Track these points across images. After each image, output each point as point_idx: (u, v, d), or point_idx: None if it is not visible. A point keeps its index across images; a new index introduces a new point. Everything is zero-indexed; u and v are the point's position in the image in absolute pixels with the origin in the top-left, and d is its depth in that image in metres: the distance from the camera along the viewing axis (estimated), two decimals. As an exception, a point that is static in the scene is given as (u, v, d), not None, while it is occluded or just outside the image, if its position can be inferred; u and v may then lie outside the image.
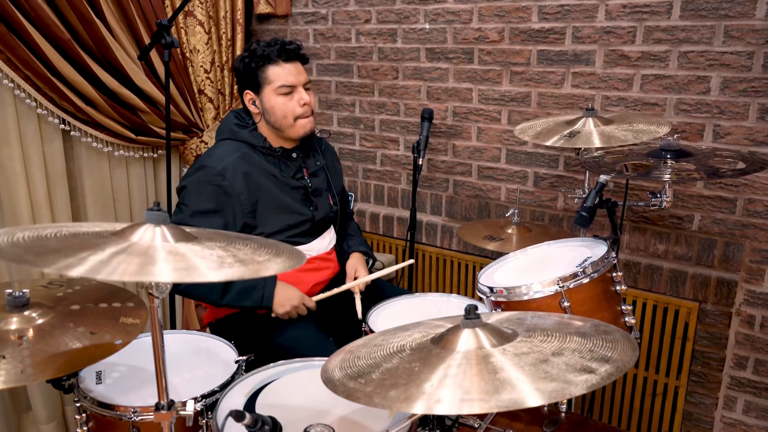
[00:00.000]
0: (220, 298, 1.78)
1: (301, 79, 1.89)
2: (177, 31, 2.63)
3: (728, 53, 1.99)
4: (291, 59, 1.88)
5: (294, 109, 1.87)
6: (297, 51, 1.90)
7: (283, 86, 1.86)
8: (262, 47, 1.86)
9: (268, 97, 1.87)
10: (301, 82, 1.89)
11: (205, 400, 1.33)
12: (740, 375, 2.14)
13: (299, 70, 1.90)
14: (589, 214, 1.68)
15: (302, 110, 1.88)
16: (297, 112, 1.87)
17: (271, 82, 1.86)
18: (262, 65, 1.86)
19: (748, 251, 2.07)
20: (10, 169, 2.20)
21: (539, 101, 2.38)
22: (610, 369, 0.88)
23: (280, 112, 1.87)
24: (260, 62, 1.86)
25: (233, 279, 0.96)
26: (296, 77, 1.88)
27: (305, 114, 1.90)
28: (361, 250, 2.13)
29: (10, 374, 1.01)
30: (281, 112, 1.87)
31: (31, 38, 2.11)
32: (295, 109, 1.87)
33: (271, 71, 1.86)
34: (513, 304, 1.49)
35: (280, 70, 1.86)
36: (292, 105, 1.87)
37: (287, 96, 1.87)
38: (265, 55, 1.85)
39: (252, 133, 1.90)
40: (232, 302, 1.79)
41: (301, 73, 1.91)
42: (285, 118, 1.87)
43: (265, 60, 1.86)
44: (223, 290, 1.77)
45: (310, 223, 1.94)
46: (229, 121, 1.94)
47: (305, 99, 1.89)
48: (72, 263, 0.88)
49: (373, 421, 1.22)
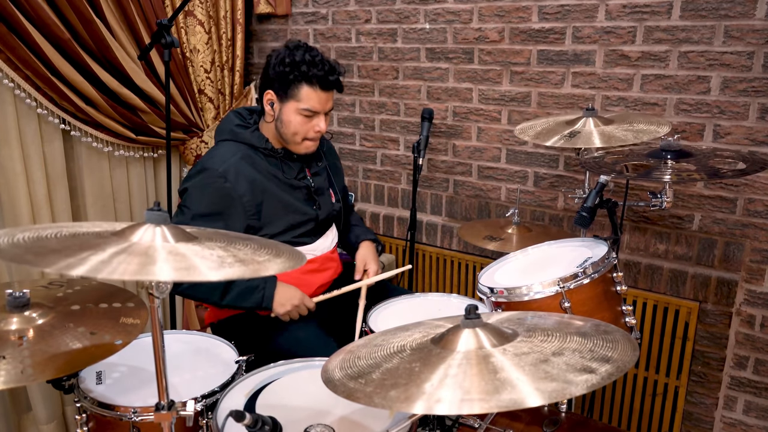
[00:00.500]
0: (221, 299, 1.77)
1: (327, 107, 1.85)
2: (177, 31, 2.63)
3: (728, 53, 1.99)
4: (329, 88, 1.83)
5: (307, 131, 1.85)
6: (337, 82, 1.85)
7: (307, 110, 1.81)
8: (307, 64, 1.78)
9: (288, 110, 1.83)
10: (325, 110, 1.85)
11: (206, 400, 1.33)
12: (740, 375, 2.14)
13: (330, 98, 1.85)
14: (590, 214, 1.68)
15: (314, 135, 1.87)
16: (309, 135, 1.86)
17: (299, 100, 1.81)
18: (299, 81, 1.79)
19: (748, 251, 2.07)
20: (10, 169, 2.20)
21: (539, 101, 2.38)
22: (611, 369, 0.88)
23: (293, 130, 1.84)
24: (299, 77, 1.79)
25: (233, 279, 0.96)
26: (323, 106, 1.83)
27: (315, 138, 1.88)
28: (370, 239, 2.13)
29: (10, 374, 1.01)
30: (294, 130, 1.84)
31: (31, 38, 2.11)
32: (308, 132, 1.85)
33: (305, 92, 1.80)
34: (513, 305, 1.49)
35: (313, 94, 1.80)
36: (307, 128, 1.84)
37: (307, 118, 1.83)
38: (306, 74, 1.78)
39: (254, 134, 1.89)
40: (233, 303, 1.79)
41: (330, 102, 1.86)
42: (295, 135, 1.85)
43: (304, 78, 1.79)
44: (223, 291, 1.77)
45: (314, 222, 1.94)
46: (230, 121, 1.92)
47: (321, 127, 1.85)
48: (72, 263, 0.88)
49: (373, 421, 1.22)
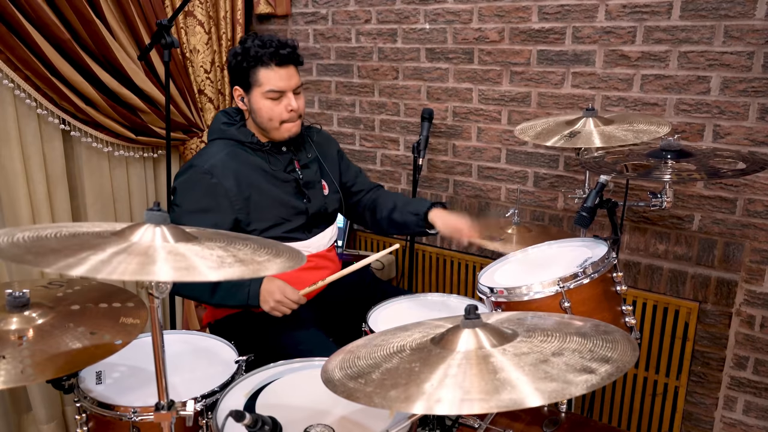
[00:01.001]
0: (210, 297, 1.78)
1: (291, 84, 1.84)
2: (177, 31, 2.63)
3: (728, 53, 1.99)
4: (284, 63, 1.82)
5: (281, 113, 1.84)
6: (291, 55, 1.83)
7: (271, 91, 1.82)
8: (256, 47, 1.80)
9: (255, 98, 1.84)
10: (291, 87, 1.84)
11: (205, 400, 1.33)
12: (740, 375, 2.14)
13: (291, 74, 1.84)
14: (590, 214, 1.68)
15: (288, 116, 1.85)
16: (283, 116, 1.85)
17: (260, 84, 1.82)
18: (253, 66, 1.81)
19: (748, 251, 2.07)
20: (10, 169, 2.20)
21: (539, 101, 2.38)
22: (610, 369, 0.88)
23: (266, 115, 1.85)
24: (252, 63, 1.80)
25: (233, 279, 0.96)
26: (287, 82, 1.83)
27: (291, 119, 1.87)
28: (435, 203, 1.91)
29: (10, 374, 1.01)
30: (267, 115, 1.85)
31: (31, 38, 2.11)
32: (282, 113, 1.84)
33: (262, 74, 1.81)
34: (513, 305, 1.49)
35: (271, 74, 1.81)
36: (279, 110, 1.84)
37: (275, 101, 1.83)
38: (257, 56, 1.80)
39: (240, 130, 1.90)
40: (221, 302, 1.79)
41: (293, 78, 1.85)
42: (270, 121, 1.85)
43: (258, 61, 1.80)
44: (212, 289, 1.77)
45: (304, 216, 1.94)
46: (218, 120, 1.94)
47: (293, 105, 1.84)
48: (72, 263, 0.88)
49: (373, 421, 1.22)
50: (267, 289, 1.76)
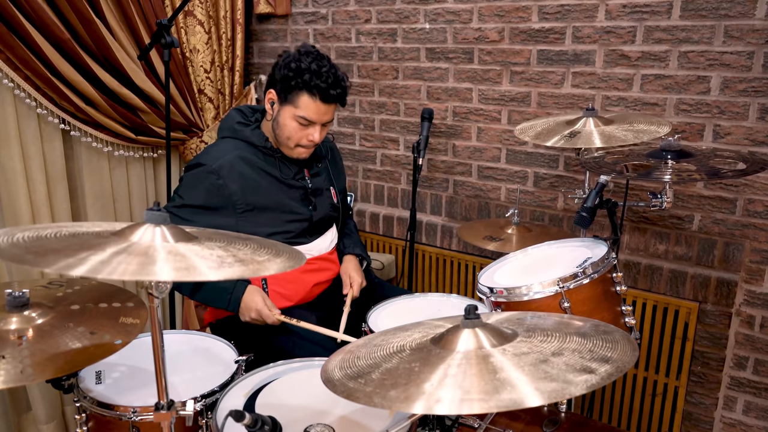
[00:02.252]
0: (192, 294, 1.81)
1: (324, 119, 1.83)
2: (177, 31, 2.63)
3: (728, 53, 1.99)
4: (329, 102, 1.81)
5: (300, 139, 1.85)
6: (339, 97, 1.82)
7: (303, 118, 1.81)
8: (312, 73, 1.76)
9: (285, 114, 1.83)
10: (322, 122, 1.83)
11: (205, 400, 1.33)
12: (740, 375, 2.14)
13: (329, 110, 1.83)
14: (590, 214, 1.68)
15: (306, 143, 1.86)
16: (301, 142, 1.85)
17: (297, 107, 1.80)
18: (300, 89, 1.78)
19: (748, 251, 2.07)
20: (10, 168, 2.20)
21: (539, 101, 2.38)
22: (610, 369, 0.88)
23: (287, 134, 1.84)
24: (300, 85, 1.77)
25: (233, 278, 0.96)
26: (321, 117, 1.82)
27: (307, 147, 1.88)
28: (355, 253, 2.11)
29: (10, 374, 1.01)
30: (287, 134, 1.84)
31: (31, 38, 2.11)
32: (301, 139, 1.85)
33: (303, 100, 1.79)
34: (513, 305, 1.49)
35: (311, 105, 1.79)
36: (300, 135, 1.84)
37: (302, 126, 1.82)
38: (308, 83, 1.77)
39: (254, 132, 1.89)
40: (204, 301, 1.83)
41: (329, 114, 1.84)
42: (288, 140, 1.85)
43: (306, 87, 1.77)
44: (194, 287, 1.80)
45: (307, 222, 1.94)
46: (232, 118, 1.93)
47: (315, 138, 1.84)
48: (72, 263, 0.88)
49: (373, 421, 1.22)
50: (247, 303, 1.78)
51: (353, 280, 2.00)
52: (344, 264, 2.08)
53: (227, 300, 1.78)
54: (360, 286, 1.99)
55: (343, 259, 2.10)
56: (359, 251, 2.13)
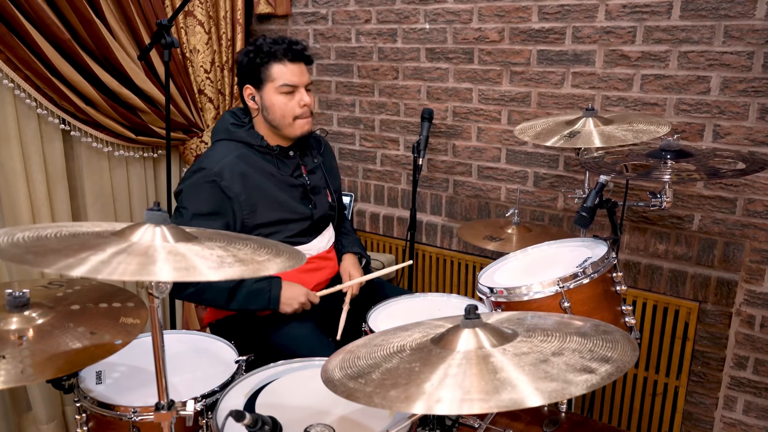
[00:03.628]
0: (227, 304, 1.79)
1: (303, 80, 1.89)
2: (177, 31, 2.63)
3: (728, 53, 1.99)
4: (296, 59, 1.88)
5: (294, 109, 1.87)
6: (303, 52, 1.90)
7: (285, 85, 1.85)
8: (269, 44, 1.85)
9: (268, 94, 1.86)
10: (303, 83, 1.89)
11: (205, 400, 1.33)
12: (740, 375, 2.14)
13: (303, 71, 1.90)
14: (589, 214, 1.68)
15: (302, 111, 1.88)
16: (296, 112, 1.88)
17: (273, 80, 1.85)
18: (267, 62, 1.85)
19: (748, 251, 2.07)
20: (10, 168, 2.20)
21: (539, 101, 2.38)
22: (610, 369, 0.88)
23: (280, 111, 1.87)
24: (265, 59, 1.85)
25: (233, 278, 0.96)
26: (299, 78, 1.88)
27: (304, 115, 1.90)
28: (354, 251, 2.13)
29: (10, 374, 1.01)
30: (281, 111, 1.87)
31: (31, 38, 2.11)
32: (294, 109, 1.87)
33: (275, 69, 1.85)
34: (513, 305, 1.49)
35: (284, 69, 1.85)
36: (292, 105, 1.87)
37: (288, 95, 1.86)
38: (271, 52, 1.84)
39: (249, 132, 1.90)
40: (240, 307, 1.80)
41: (304, 74, 1.90)
42: (284, 117, 1.87)
43: (271, 57, 1.85)
44: (229, 295, 1.78)
45: (309, 221, 1.94)
46: (225, 121, 1.94)
47: (306, 100, 1.88)
48: (72, 263, 0.88)
49: (373, 421, 1.22)
50: (291, 294, 1.81)
51: (353, 277, 2.01)
52: (344, 262, 2.09)
53: (267, 299, 1.79)
54: (359, 284, 2.00)
55: (342, 258, 2.10)
56: (358, 249, 2.15)
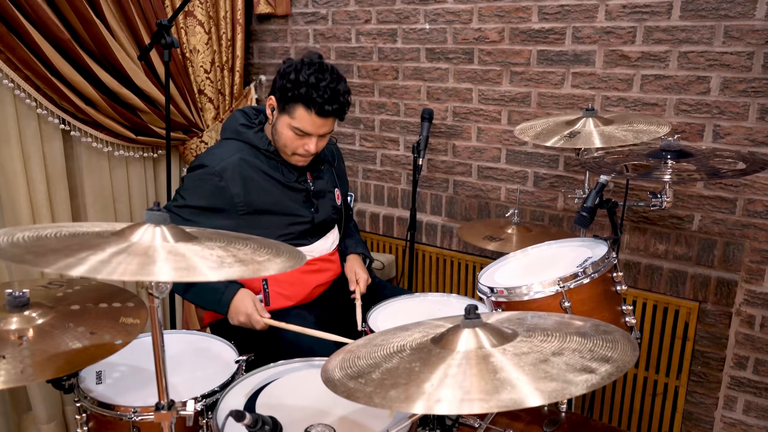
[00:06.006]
0: (183, 292, 1.81)
1: (321, 131, 1.81)
2: (177, 31, 2.63)
3: (728, 53, 1.99)
4: (325, 116, 1.78)
5: (296, 148, 1.84)
6: (336, 112, 1.79)
7: (299, 129, 1.79)
8: (309, 86, 1.72)
9: (282, 122, 1.81)
10: (318, 133, 1.81)
11: (205, 400, 1.33)
12: (740, 375, 2.14)
13: (326, 123, 1.80)
14: (590, 214, 1.67)
15: (302, 152, 1.85)
16: (297, 151, 1.85)
17: (293, 118, 1.78)
18: (296, 100, 1.75)
19: (748, 251, 2.07)
20: (10, 168, 2.20)
21: (539, 101, 2.38)
22: (610, 369, 0.88)
23: (283, 141, 1.84)
24: (297, 98, 1.75)
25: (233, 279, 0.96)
26: (316, 129, 1.79)
27: (304, 155, 1.87)
28: (358, 252, 2.12)
29: (10, 374, 1.01)
30: (284, 142, 1.84)
31: (31, 38, 2.11)
32: (297, 148, 1.84)
33: (299, 112, 1.76)
34: (513, 305, 1.49)
35: (307, 117, 1.76)
36: (297, 144, 1.83)
37: (298, 136, 1.81)
38: (304, 96, 1.74)
39: (257, 135, 1.89)
40: (194, 298, 1.83)
41: (325, 126, 1.80)
42: (285, 147, 1.85)
43: (302, 99, 1.75)
44: (186, 285, 1.79)
45: (309, 225, 1.94)
46: (236, 120, 1.93)
47: (310, 149, 1.82)
48: (72, 263, 0.88)
49: (373, 421, 1.22)
50: (237, 307, 1.76)
51: (359, 276, 2.00)
52: (348, 262, 2.08)
53: (217, 301, 1.76)
54: (366, 282, 2.00)
55: (346, 258, 2.10)
56: (362, 250, 2.14)
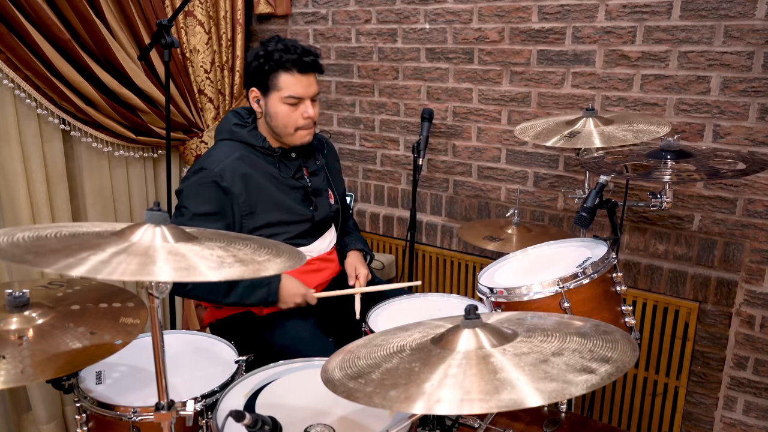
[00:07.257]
0: (224, 297, 1.78)
1: (310, 91, 1.85)
2: (177, 31, 2.63)
3: (728, 53, 1.99)
4: (306, 71, 1.83)
5: (296, 120, 1.85)
6: (314, 63, 1.84)
7: (291, 97, 1.82)
8: (280, 51, 1.79)
9: (273, 102, 1.84)
10: (309, 95, 1.85)
11: (205, 400, 1.33)
12: (740, 375, 2.14)
13: (311, 82, 1.85)
14: (590, 214, 1.68)
15: (304, 122, 1.86)
16: (299, 123, 1.86)
17: (280, 89, 1.82)
18: (275, 70, 1.80)
19: (748, 251, 2.07)
20: (10, 168, 2.20)
21: (539, 101, 2.38)
22: (610, 369, 0.88)
23: (282, 121, 1.85)
24: (274, 66, 1.80)
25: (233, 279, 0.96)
26: (306, 90, 1.84)
27: (306, 126, 1.87)
28: (358, 248, 2.13)
29: (10, 374, 1.01)
30: (283, 121, 1.85)
31: (31, 38, 2.11)
32: (297, 120, 1.85)
33: (283, 79, 1.81)
34: (513, 305, 1.49)
35: (292, 79, 1.81)
36: (296, 116, 1.84)
37: (292, 106, 1.83)
38: (281, 61, 1.79)
39: (251, 133, 1.90)
40: (237, 300, 1.79)
41: (312, 85, 1.86)
42: (286, 127, 1.86)
43: (280, 66, 1.80)
44: (227, 289, 1.77)
45: (310, 223, 1.94)
46: (228, 121, 1.93)
47: (309, 113, 1.85)
48: (72, 263, 0.88)
49: (373, 421, 1.22)
50: (290, 290, 1.80)
51: (359, 271, 2.01)
52: (348, 258, 2.08)
53: (266, 292, 1.77)
54: (366, 277, 2.00)
55: (347, 255, 2.10)
56: (362, 246, 2.15)
